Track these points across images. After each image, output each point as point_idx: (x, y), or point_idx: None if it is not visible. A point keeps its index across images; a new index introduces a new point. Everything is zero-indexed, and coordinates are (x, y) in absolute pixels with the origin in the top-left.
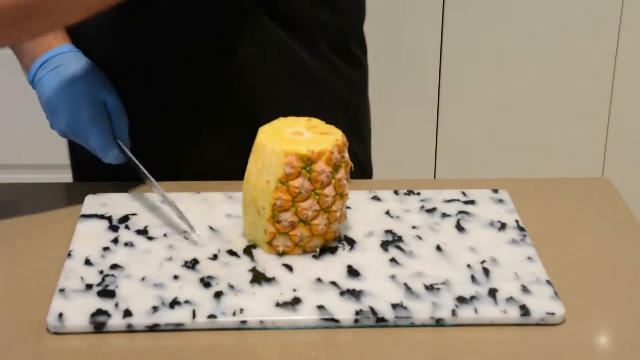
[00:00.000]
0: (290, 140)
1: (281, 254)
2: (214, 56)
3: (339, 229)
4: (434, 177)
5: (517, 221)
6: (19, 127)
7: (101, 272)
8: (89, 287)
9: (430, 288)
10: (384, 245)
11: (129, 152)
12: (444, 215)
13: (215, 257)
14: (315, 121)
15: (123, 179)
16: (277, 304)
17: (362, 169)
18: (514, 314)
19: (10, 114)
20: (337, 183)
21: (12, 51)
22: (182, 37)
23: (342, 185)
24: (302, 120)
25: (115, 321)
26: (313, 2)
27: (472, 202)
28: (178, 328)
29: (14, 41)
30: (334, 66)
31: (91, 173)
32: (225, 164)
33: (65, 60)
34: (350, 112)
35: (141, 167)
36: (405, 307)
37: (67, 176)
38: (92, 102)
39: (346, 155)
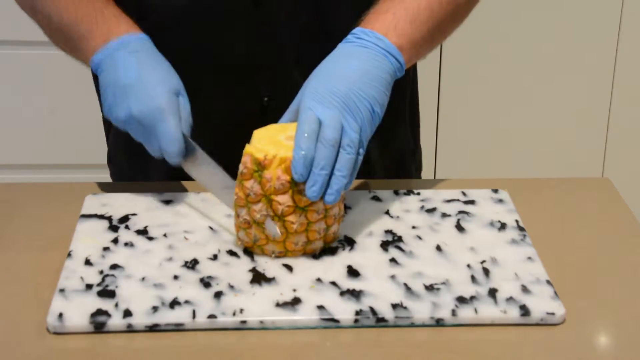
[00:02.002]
0: (275, 142)
1: (279, 257)
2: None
3: (338, 230)
4: (434, 177)
5: (517, 221)
6: (19, 127)
7: (101, 272)
8: (89, 287)
9: (430, 288)
10: (384, 245)
11: (195, 144)
12: (444, 215)
13: (215, 257)
14: None
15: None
16: (277, 304)
17: (417, 171)
18: (514, 314)
19: (10, 114)
20: (296, 195)
21: (64, 45)
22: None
23: (300, 199)
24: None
25: (115, 321)
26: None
27: (472, 202)
28: (178, 328)
29: None
30: None
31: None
32: None
33: (145, 47)
34: (412, 108)
35: (211, 159)
36: (405, 307)
37: (68, 176)
38: (169, 92)
39: None
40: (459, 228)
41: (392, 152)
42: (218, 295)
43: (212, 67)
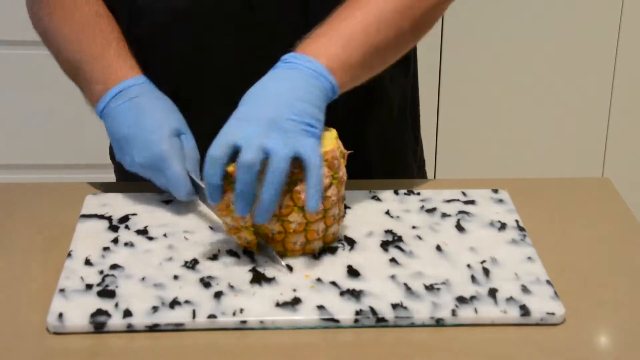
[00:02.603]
0: None
1: (282, 256)
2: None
3: (338, 231)
4: (434, 177)
5: (517, 221)
6: (19, 127)
7: (101, 272)
8: (89, 287)
9: (430, 288)
10: (384, 245)
11: (202, 188)
12: (444, 215)
13: (215, 257)
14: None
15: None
16: (277, 304)
17: (420, 169)
18: (514, 314)
19: (10, 114)
20: (295, 195)
21: (73, 80)
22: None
23: (299, 199)
24: None
25: (115, 321)
26: None
27: (472, 202)
28: (178, 328)
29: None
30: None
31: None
32: None
33: (142, 91)
34: (413, 112)
35: (210, 204)
36: (405, 307)
37: (68, 176)
38: (169, 135)
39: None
40: (459, 228)
41: (393, 151)
42: (218, 295)
43: (207, 70)
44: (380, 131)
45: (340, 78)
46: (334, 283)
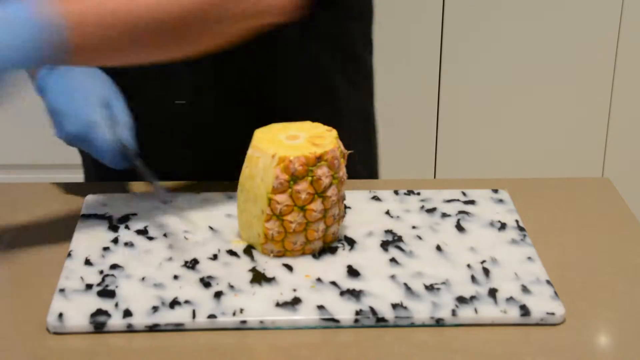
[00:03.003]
0: (275, 142)
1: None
2: (229, 63)
3: (338, 231)
4: (434, 177)
5: (517, 221)
6: (19, 127)
7: (101, 272)
8: (89, 287)
9: (430, 288)
10: (384, 245)
11: (134, 157)
12: (444, 215)
13: (215, 257)
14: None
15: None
16: (277, 304)
17: (372, 176)
18: (514, 314)
19: (10, 114)
20: (294, 194)
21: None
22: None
23: (299, 198)
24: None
25: (115, 321)
26: (327, 9)
27: (472, 202)
28: (178, 328)
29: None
30: (347, 73)
31: (98, 175)
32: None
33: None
34: (363, 120)
35: (147, 171)
36: (405, 307)
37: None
38: (98, 105)
39: (319, 171)
40: (459, 228)
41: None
42: (218, 295)
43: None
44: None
45: (73, 28)
46: (334, 283)
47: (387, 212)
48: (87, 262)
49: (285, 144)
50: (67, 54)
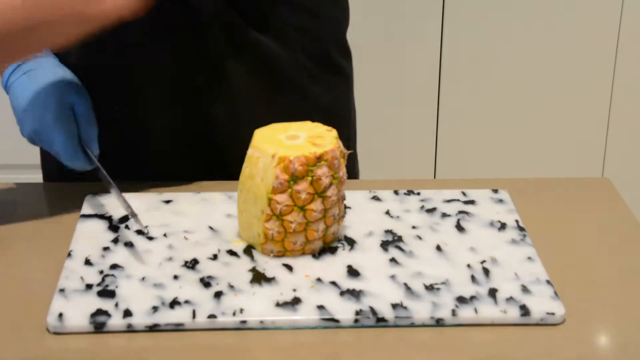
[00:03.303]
0: (275, 141)
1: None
2: (191, 61)
3: (338, 231)
4: (434, 177)
5: (517, 221)
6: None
7: (101, 272)
8: (89, 287)
9: (430, 288)
10: (384, 245)
11: (95, 159)
12: (444, 215)
13: (215, 257)
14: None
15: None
16: (277, 304)
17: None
18: (514, 314)
19: (10, 114)
20: (294, 194)
21: None
22: (170, 38)
23: (299, 198)
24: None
25: (115, 321)
26: (289, 7)
27: (472, 202)
28: (178, 328)
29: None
30: (311, 73)
31: (60, 177)
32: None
33: (37, 65)
34: (330, 120)
35: (105, 174)
36: (405, 307)
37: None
38: (58, 105)
39: (319, 171)
40: (459, 228)
41: None
42: (218, 295)
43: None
44: None
45: None
46: (334, 283)
47: (387, 212)
48: (87, 262)
49: (286, 143)
50: None
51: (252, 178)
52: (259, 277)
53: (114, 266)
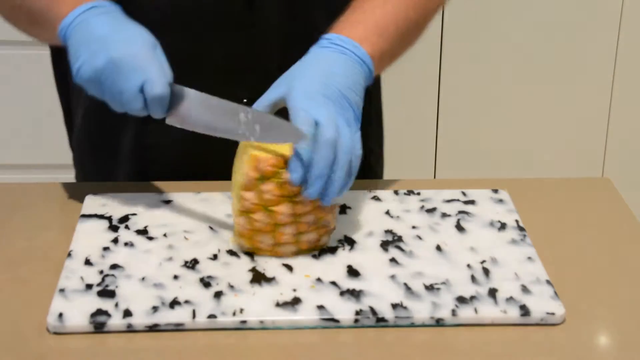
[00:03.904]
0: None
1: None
2: (236, 75)
3: (318, 240)
4: (434, 177)
5: (517, 221)
6: (19, 127)
7: (101, 272)
8: (89, 287)
9: (430, 288)
10: (384, 245)
11: (185, 88)
12: (444, 215)
13: (215, 257)
14: None
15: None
16: (277, 304)
17: (381, 168)
18: (514, 314)
19: (10, 114)
20: (261, 193)
21: (31, 17)
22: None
23: (264, 198)
24: None
25: (115, 321)
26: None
27: (472, 202)
28: (178, 328)
29: None
30: None
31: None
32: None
33: (117, 10)
34: (377, 112)
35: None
36: (405, 307)
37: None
38: (148, 43)
39: (288, 175)
40: (459, 228)
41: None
42: (218, 295)
43: (199, 69)
44: None
45: (376, 67)
46: (334, 283)
47: (387, 212)
48: (87, 262)
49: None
50: None
51: (235, 172)
52: (259, 277)
53: (114, 266)
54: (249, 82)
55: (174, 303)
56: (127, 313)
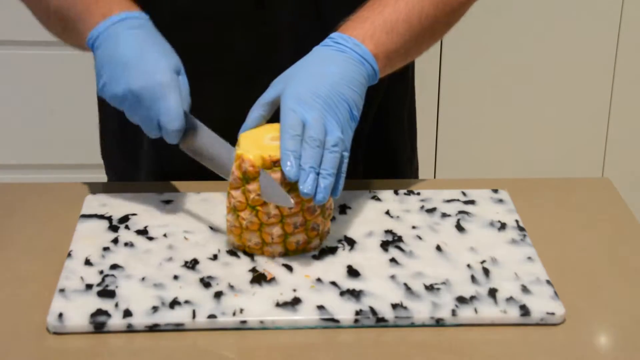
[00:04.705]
0: (259, 144)
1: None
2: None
3: (306, 242)
4: (434, 177)
5: (517, 221)
6: (19, 127)
7: (101, 272)
8: (89, 287)
9: (430, 288)
10: (384, 245)
11: (198, 122)
12: (444, 215)
13: (215, 257)
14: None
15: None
16: (277, 304)
17: (414, 174)
18: (514, 314)
19: (10, 114)
20: (246, 192)
21: (64, 24)
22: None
23: (249, 198)
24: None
25: (115, 321)
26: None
27: (472, 202)
28: (178, 328)
29: None
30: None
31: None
32: None
33: (145, 25)
34: (410, 116)
35: (215, 134)
36: (405, 307)
37: (67, 176)
38: (170, 69)
39: (274, 175)
40: (459, 228)
41: (389, 160)
42: (218, 295)
43: (211, 70)
44: (383, 137)
45: (382, 65)
46: (334, 283)
47: (387, 212)
48: (87, 262)
49: (262, 143)
50: None
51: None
52: (259, 277)
53: (114, 266)
54: (265, 81)
55: (174, 303)
56: (127, 313)
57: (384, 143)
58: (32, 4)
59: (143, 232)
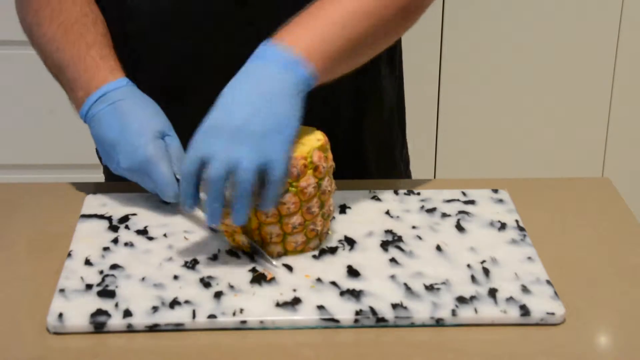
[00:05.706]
0: None
1: (280, 255)
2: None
3: (305, 243)
4: (434, 177)
5: (517, 221)
6: (19, 127)
7: (101, 272)
8: (89, 287)
9: (430, 288)
10: (384, 245)
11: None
12: (444, 215)
13: (215, 257)
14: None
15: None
16: (277, 304)
17: (406, 169)
18: (514, 314)
19: (10, 114)
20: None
21: (58, 81)
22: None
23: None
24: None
25: (115, 321)
26: None
27: (472, 202)
28: (178, 328)
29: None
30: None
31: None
32: None
33: (124, 95)
34: (400, 112)
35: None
36: (405, 307)
37: (67, 176)
38: (154, 138)
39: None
40: (459, 228)
41: (385, 152)
42: (218, 295)
43: (196, 69)
44: (374, 131)
45: (319, 67)
46: (334, 283)
47: (387, 212)
48: (87, 262)
49: None
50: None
51: None
52: (259, 277)
53: (114, 266)
54: None
55: (174, 303)
56: (127, 313)
57: (378, 137)
58: (33, 48)
59: (143, 232)
